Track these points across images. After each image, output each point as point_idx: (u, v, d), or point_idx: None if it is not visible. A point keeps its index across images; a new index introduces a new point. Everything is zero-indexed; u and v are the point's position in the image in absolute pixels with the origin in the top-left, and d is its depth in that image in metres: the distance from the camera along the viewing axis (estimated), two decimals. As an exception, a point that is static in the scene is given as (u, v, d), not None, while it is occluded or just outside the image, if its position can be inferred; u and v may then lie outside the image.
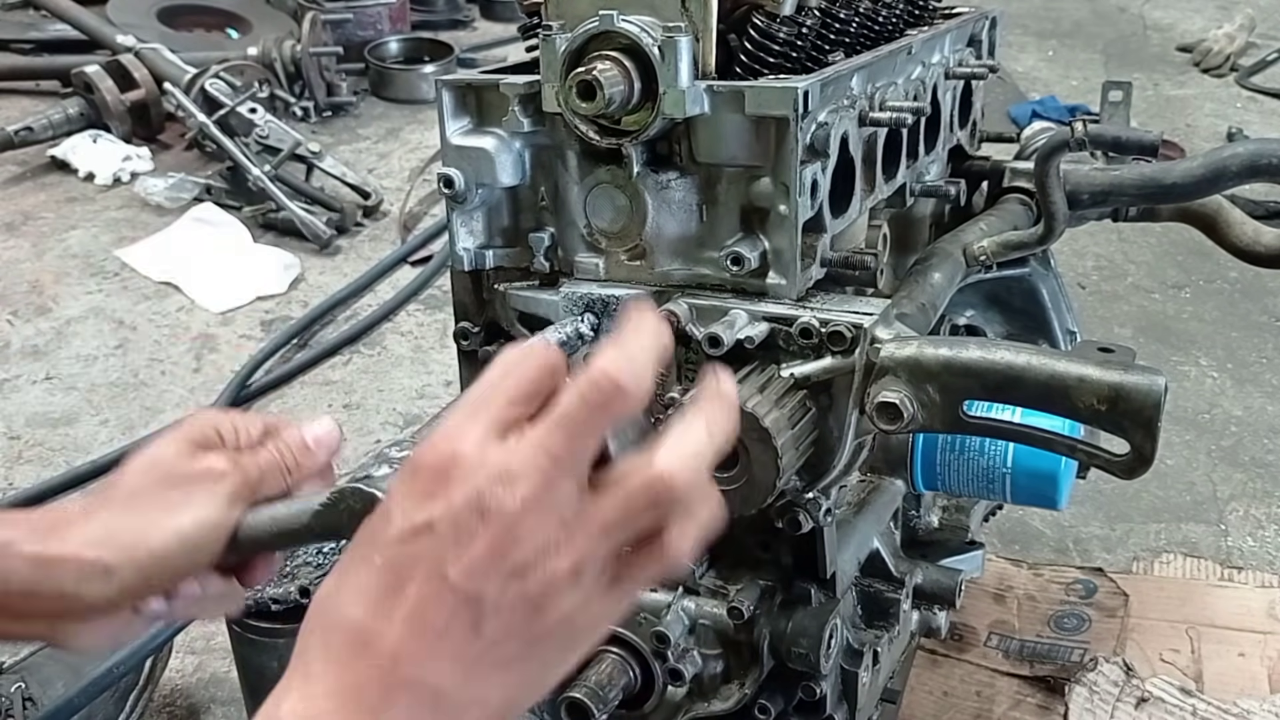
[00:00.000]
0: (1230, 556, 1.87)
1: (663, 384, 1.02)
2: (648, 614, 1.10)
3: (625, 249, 1.02)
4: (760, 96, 0.92)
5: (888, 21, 1.20)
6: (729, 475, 0.93)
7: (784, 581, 1.10)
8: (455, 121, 1.03)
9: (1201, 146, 3.65)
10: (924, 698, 1.54)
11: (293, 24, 4.40)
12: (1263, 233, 1.37)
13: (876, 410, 0.91)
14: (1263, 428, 2.26)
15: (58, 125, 3.59)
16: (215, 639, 1.68)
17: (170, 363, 2.60)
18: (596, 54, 0.93)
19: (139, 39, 3.89)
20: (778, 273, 0.97)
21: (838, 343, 0.94)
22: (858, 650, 1.15)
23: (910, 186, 1.20)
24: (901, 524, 1.33)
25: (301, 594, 1.19)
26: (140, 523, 0.76)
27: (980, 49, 1.39)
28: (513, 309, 1.06)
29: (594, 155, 1.00)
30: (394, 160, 3.76)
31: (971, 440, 1.17)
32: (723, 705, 1.12)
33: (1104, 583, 1.72)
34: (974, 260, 1.19)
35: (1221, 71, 4.60)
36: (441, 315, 2.75)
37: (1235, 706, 1.45)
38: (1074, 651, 1.59)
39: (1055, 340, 1.40)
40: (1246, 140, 1.18)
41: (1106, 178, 1.26)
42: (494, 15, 5.37)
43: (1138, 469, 0.86)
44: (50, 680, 1.42)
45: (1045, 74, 4.62)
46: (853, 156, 1.02)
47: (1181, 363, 2.51)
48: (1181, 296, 2.84)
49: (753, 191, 0.96)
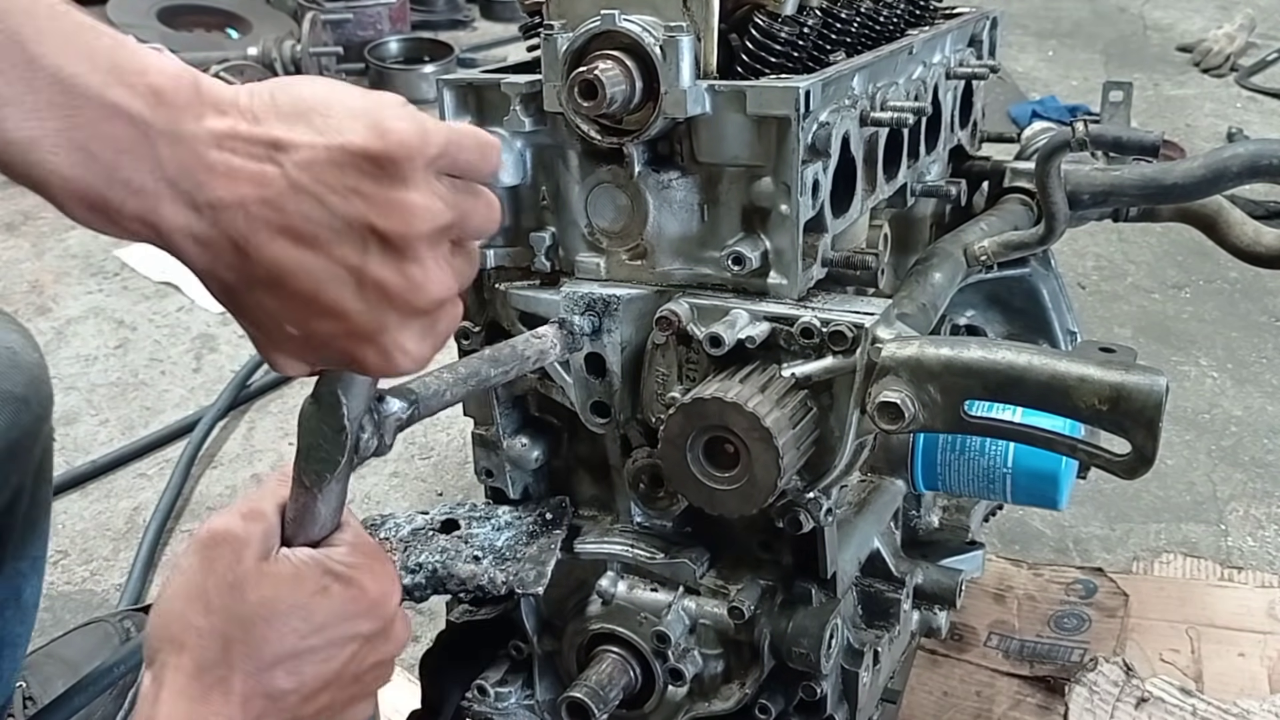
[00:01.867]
0: (1230, 556, 1.87)
1: (663, 384, 1.02)
2: (648, 614, 1.10)
3: (626, 248, 1.02)
4: (762, 96, 0.92)
5: (889, 21, 1.20)
6: (730, 475, 0.93)
7: (784, 581, 1.10)
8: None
9: (1201, 146, 3.65)
10: (924, 698, 1.54)
11: (293, 24, 4.40)
12: (1263, 233, 1.37)
13: (877, 410, 0.91)
14: (1263, 428, 2.26)
15: (58, 125, 3.58)
16: (215, 639, 1.68)
17: (170, 363, 2.60)
18: (598, 53, 0.93)
19: (139, 39, 3.87)
20: (779, 272, 0.97)
21: (839, 342, 0.94)
22: (858, 650, 1.15)
23: (911, 186, 1.20)
24: (902, 524, 1.33)
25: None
26: None
27: (981, 49, 1.39)
28: (513, 308, 1.06)
29: (595, 155, 1.00)
30: (394, 160, 3.76)
31: (972, 440, 1.18)
32: (723, 705, 1.12)
33: (1104, 583, 1.72)
34: (974, 260, 1.19)
35: (1221, 71, 4.60)
36: (441, 315, 2.75)
37: (1235, 706, 1.45)
38: (1074, 651, 1.59)
39: (1055, 340, 1.40)
40: (1247, 140, 1.18)
41: (1107, 178, 1.26)
42: (494, 15, 5.37)
43: (1139, 469, 0.86)
44: (50, 679, 1.42)
45: (1045, 74, 4.62)
46: (854, 156, 1.02)
47: (1181, 363, 2.51)
48: (1181, 296, 2.84)
49: (754, 191, 0.96)
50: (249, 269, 0.62)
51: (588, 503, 1.17)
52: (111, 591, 1.82)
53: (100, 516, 2.01)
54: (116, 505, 2.04)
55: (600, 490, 1.16)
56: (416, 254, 0.64)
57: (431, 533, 1.07)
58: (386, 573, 0.77)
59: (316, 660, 0.71)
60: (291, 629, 0.70)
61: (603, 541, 1.13)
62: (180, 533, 1.97)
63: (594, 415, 1.05)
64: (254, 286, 0.63)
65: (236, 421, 2.35)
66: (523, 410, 1.14)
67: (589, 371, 1.03)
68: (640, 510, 1.13)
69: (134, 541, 1.91)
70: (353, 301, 0.63)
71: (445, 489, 2.11)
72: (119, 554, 1.91)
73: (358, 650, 0.74)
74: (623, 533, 1.14)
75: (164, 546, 1.93)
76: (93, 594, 1.82)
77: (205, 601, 0.69)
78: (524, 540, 1.07)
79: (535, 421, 1.14)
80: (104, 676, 1.33)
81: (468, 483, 2.10)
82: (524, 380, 1.09)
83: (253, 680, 0.69)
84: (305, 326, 0.64)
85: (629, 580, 1.13)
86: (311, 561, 0.73)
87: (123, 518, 2.00)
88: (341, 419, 0.72)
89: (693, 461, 0.94)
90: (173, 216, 0.59)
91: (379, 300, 0.64)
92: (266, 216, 0.60)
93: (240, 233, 0.60)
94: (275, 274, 0.62)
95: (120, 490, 2.09)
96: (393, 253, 0.63)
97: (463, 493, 2.08)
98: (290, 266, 0.62)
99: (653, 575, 1.12)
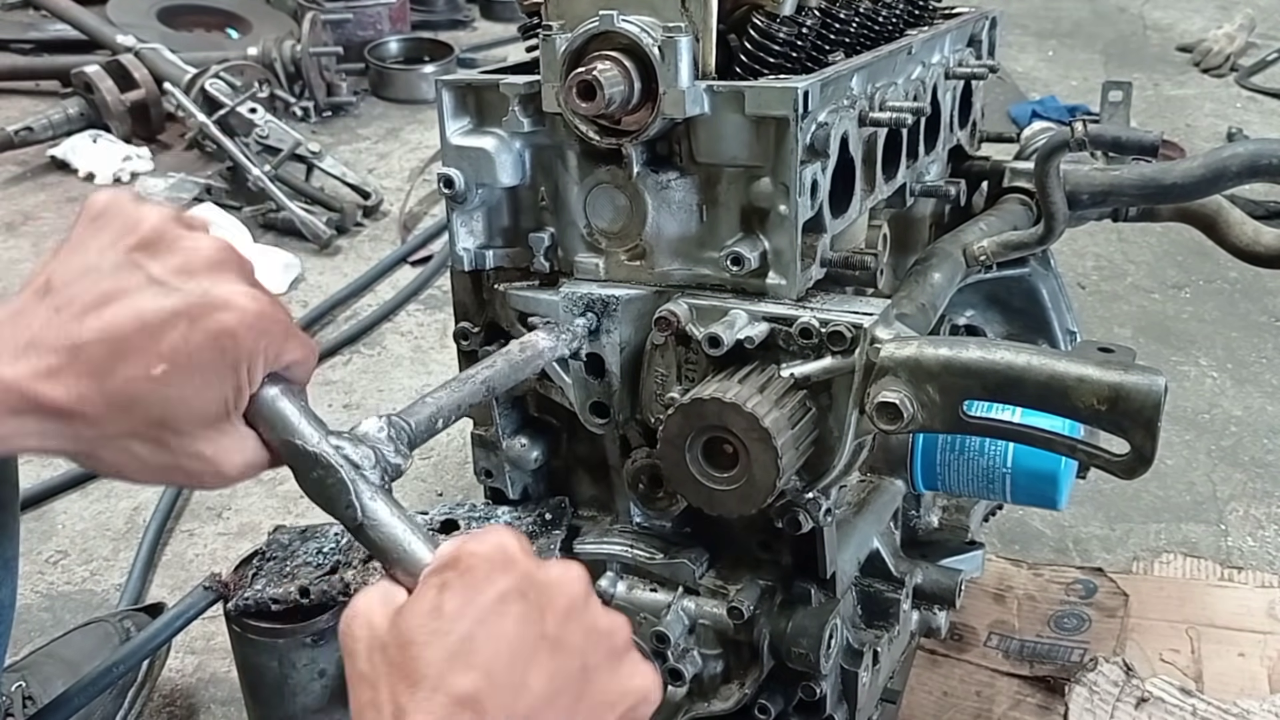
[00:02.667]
0: (1230, 556, 1.86)
1: (662, 384, 1.02)
2: (648, 614, 1.10)
3: (625, 249, 1.02)
4: (760, 97, 0.92)
5: (888, 21, 1.20)
6: (729, 475, 0.93)
7: (784, 581, 1.10)
8: (455, 121, 1.03)
9: (1201, 146, 3.65)
10: (924, 698, 1.53)
11: (293, 24, 4.40)
12: (1263, 233, 1.37)
13: (876, 410, 0.91)
14: (1263, 428, 2.26)
15: (58, 125, 3.58)
16: (215, 639, 1.68)
17: (170, 363, 2.59)
18: (596, 54, 0.93)
19: (139, 39, 3.88)
20: (778, 273, 0.97)
21: (838, 343, 0.94)
22: (858, 650, 1.16)
23: (910, 186, 1.20)
24: (901, 524, 1.33)
25: (301, 594, 1.19)
26: None
27: (980, 49, 1.39)
28: (513, 309, 1.06)
29: (594, 155, 1.00)
30: (394, 160, 3.76)
31: (971, 440, 1.18)
32: (723, 705, 1.13)
33: (1104, 583, 1.72)
34: (974, 260, 1.19)
35: (1221, 71, 4.60)
36: (441, 315, 2.75)
37: (1235, 706, 1.45)
38: (1074, 651, 1.59)
39: (1055, 340, 1.40)
40: (1246, 140, 1.18)
41: (1106, 178, 1.26)
42: (494, 15, 5.37)
43: (1138, 469, 0.86)
44: (50, 679, 1.42)
45: (1045, 74, 4.62)
46: (853, 156, 1.02)
47: (1181, 363, 2.51)
48: (1181, 296, 2.84)
49: (753, 191, 0.96)
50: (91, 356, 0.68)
51: (587, 503, 1.17)
52: (111, 591, 1.81)
53: (100, 516, 2.01)
54: (116, 505, 2.04)
55: (599, 490, 1.16)
56: (171, 233, 0.72)
57: (431, 533, 1.07)
58: (491, 531, 0.72)
59: (481, 643, 0.66)
60: (432, 634, 0.66)
61: (602, 542, 1.13)
62: (180, 533, 1.97)
63: (593, 415, 1.05)
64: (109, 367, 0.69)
65: (236, 422, 2.35)
66: (522, 411, 1.14)
67: (588, 372, 1.03)
68: (639, 510, 1.13)
69: (134, 541, 1.91)
70: (167, 298, 0.70)
71: (445, 489, 2.11)
72: (119, 554, 1.91)
73: (520, 611, 0.67)
74: (622, 533, 1.14)
75: (164, 546, 1.92)
76: (93, 594, 1.82)
77: (365, 678, 0.66)
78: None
79: (534, 422, 1.14)
80: (104, 676, 1.33)
81: (467, 483, 2.10)
82: (523, 381, 1.09)
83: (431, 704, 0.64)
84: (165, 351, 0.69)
85: (628, 580, 1.13)
86: (423, 579, 0.71)
87: (123, 518, 2.00)
88: (330, 466, 0.74)
89: (692, 462, 0.95)
90: (8, 371, 0.68)
91: (181, 279, 0.71)
92: (66, 316, 0.69)
93: (60, 340, 0.69)
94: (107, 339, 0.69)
95: (120, 490, 2.09)
96: (156, 247, 0.72)
97: (462, 493, 2.08)
98: (111, 323, 0.69)
99: (652, 575, 1.12)
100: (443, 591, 0.68)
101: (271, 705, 1.33)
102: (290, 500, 2.04)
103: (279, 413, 0.74)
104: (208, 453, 0.72)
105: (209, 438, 0.72)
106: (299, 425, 0.75)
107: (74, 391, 0.68)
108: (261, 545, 1.26)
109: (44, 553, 1.90)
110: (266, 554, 1.24)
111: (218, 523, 2.00)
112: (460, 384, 0.89)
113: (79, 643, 1.52)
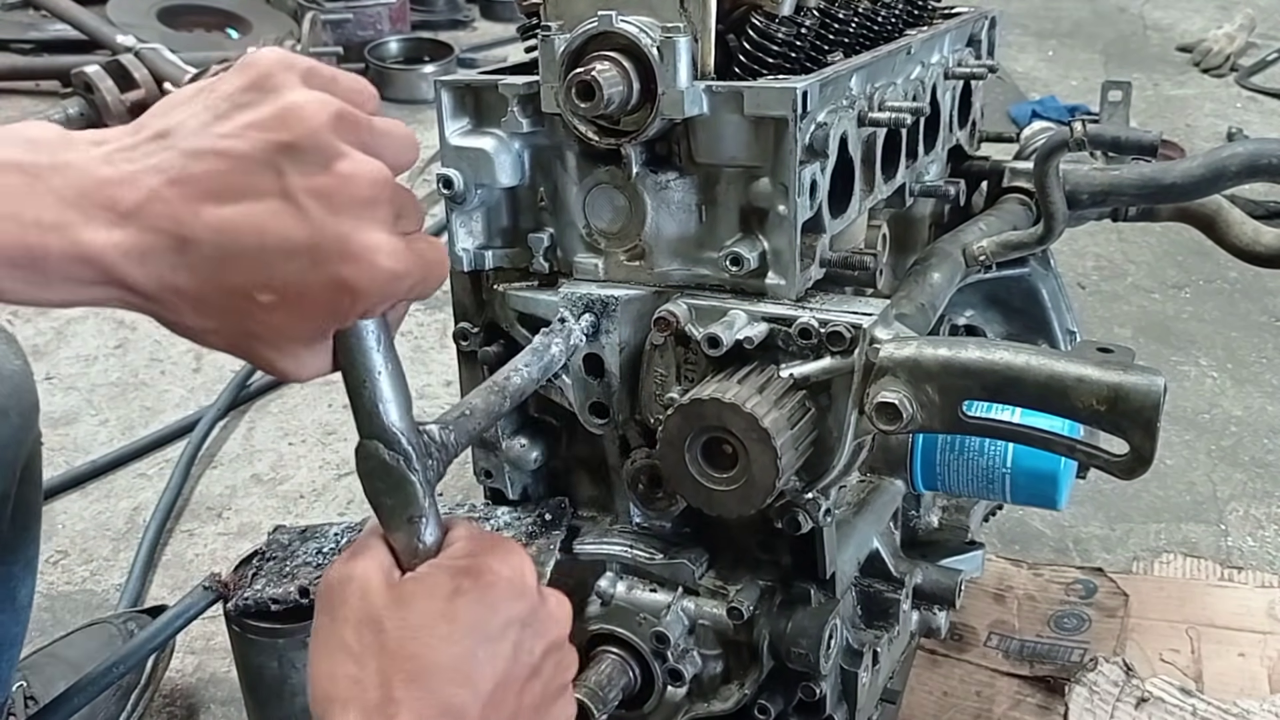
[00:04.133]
0: (1230, 556, 1.86)
1: (661, 384, 1.02)
2: (647, 614, 1.10)
3: (624, 249, 1.02)
4: (759, 97, 0.92)
5: (887, 21, 1.20)
6: (728, 476, 0.93)
7: (784, 582, 1.10)
8: (454, 122, 1.03)
9: (1201, 146, 3.65)
10: (924, 698, 1.53)
11: (293, 24, 4.40)
12: (1263, 233, 1.37)
13: (876, 410, 0.91)
14: (1263, 428, 2.26)
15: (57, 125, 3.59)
16: (215, 639, 1.68)
17: (170, 363, 2.59)
18: (595, 54, 0.93)
19: (139, 39, 3.89)
20: (777, 273, 0.97)
21: (837, 343, 0.94)
22: (857, 650, 1.16)
23: (910, 186, 1.20)
24: (901, 524, 1.33)
25: (301, 594, 1.19)
26: None
27: (979, 49, 1.39)
28: (512, 309, 1.06)
29: (593, 156, 1.00)
30: (394, 160, 3.76)
31: (971, 440, 1.18)
32: (722, 705, 1.13)
33: (1104, 583, 1.72)
34: (973, 260, 1.19)
35: (1221, 71, 4.59)
36: (441, 315, 2.75)
37: (1235, 706, 1.45)
38: (1074, 651, 1.59)
39: (1055, 340, 1.40)
40: (1246, 140, 1.18)
41: (1106, 178, 1.26)
42: (494, 15, 5.37)
43: (1137, 469, 0.86)
44: (52, 679, 1.42)
45: (1045, 74, 4.62)
46: (852, 157, 1.02)
47: (1181, 363, 2.51)
48: (1181, 296, 2.84)
49: (752, 192, 0.96)
50: (195, 257, 0.61)
51: (586, 503, 1.17)
52: (111, 591, 1.82)
53: (100, 516, 2.01)
54: (116, 505, 2.04)
55: (599, 491, 1.16)
56: (328, 146, 0.62)
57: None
58: (511, 550, 0.74)
59: (480, 662, 0.68)
60: (440, 639, 0.68)
61: (602, 542, 1.13)
62: (180, 533, 1.97)
63: (592, 416, 1.05)
64: (211, 274, 0.62)
65: (236, 422, 2.35)
66: (522, 411, 1.14)
67: (587, 372, 1.03)
68: (639, 511, 1.13)
69: (134, 541, 1.91)
70: (298, 225, 0.61)
71: (445, 489, 2.11)
72: (119, 554, 1.91)
73: (519, 639, 0.71)
74: (621, 533, 1.14)
75: (164, 546, 1.93)
76: (93, 594, 1.82)
77: (348, 650, 0.67)
78: (523, 541, 1.07)
79: (534, 422, 1.14)
80: (105, 676, 1.33)
81: (467, 483, 2.10)
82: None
83: (424, 705, 0.66)
84: (276, 283, 0.62)
85: (628, 581, 1.13)
86: (434, 570, 0.71)
87: (123, 518, 2.01)
88: (396, 440, 0.75)
89: (691, 462, 0.95)
90: (97, 239, 0.59)
91: (321, 210, 0.62)
92: (181, 193, 0.60)
93: (167, 222, 0.60)
94: (219, 244, 0.61)
95: (120, 490, 2.09)
96: (305, 158, 0.62)
97: (462, 493, 2.08)
98: (228, 226, 0.61)
99: (652, 576, 1.12)
100: (458, 598, 0.70)
101: (271, 705, 1.34)
102: (290, 500, 2.05)
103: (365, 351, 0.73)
104: (287, 366, 0.68)
105: (293, 353, 0.68)
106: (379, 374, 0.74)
107: (167, 283, 0.62)
108: (261, 545, 1.26)
109: (44, 553, 1.89)
110: (266, 554, 1.24)
111: (218, 523, 2.00)
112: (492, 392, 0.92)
113: (82, 643, 1.52)
